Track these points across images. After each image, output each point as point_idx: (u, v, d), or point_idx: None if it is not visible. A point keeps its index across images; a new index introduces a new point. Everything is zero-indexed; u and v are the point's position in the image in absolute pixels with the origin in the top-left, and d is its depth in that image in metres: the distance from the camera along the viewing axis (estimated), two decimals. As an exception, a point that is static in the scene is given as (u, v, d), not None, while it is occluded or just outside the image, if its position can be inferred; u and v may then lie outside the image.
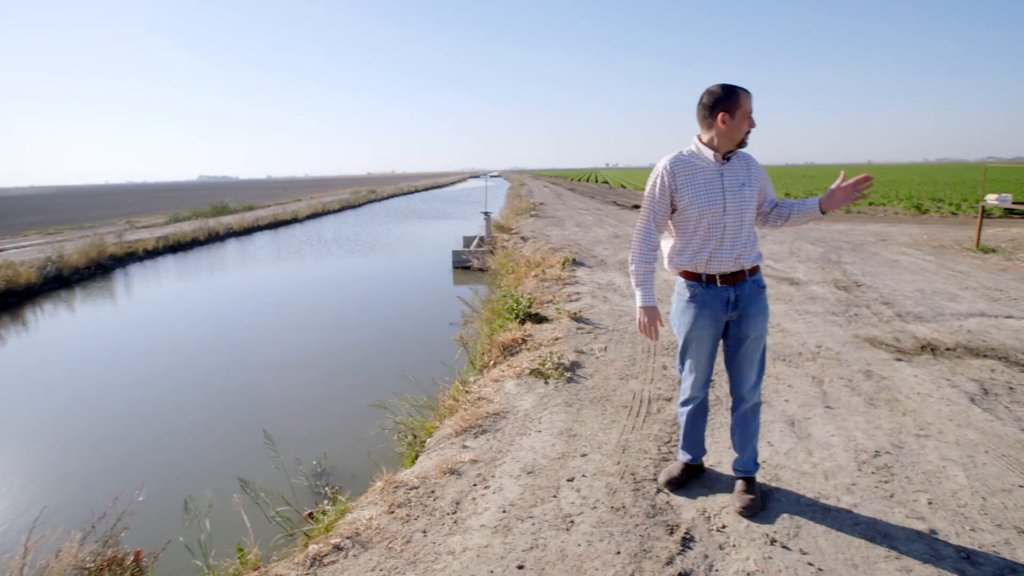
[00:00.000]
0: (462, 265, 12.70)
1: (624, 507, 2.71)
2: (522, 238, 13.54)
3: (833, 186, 2.44)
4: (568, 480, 2.98)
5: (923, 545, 2.38)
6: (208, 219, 24.45)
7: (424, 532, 2.67)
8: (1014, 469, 2.93)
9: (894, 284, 7.46)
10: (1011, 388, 3.97)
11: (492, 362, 5.06)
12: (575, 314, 5.97)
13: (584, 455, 3.22)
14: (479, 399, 4.15)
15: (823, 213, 2.48)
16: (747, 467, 2.72)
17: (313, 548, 2.68)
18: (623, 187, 42.48)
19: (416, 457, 3.73)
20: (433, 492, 3.01)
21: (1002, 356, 4.63)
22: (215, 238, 20.92)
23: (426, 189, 66.96)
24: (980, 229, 11.04)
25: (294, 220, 27.89)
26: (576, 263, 9.33)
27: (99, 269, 14.50)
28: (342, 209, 35.70)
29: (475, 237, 14.88)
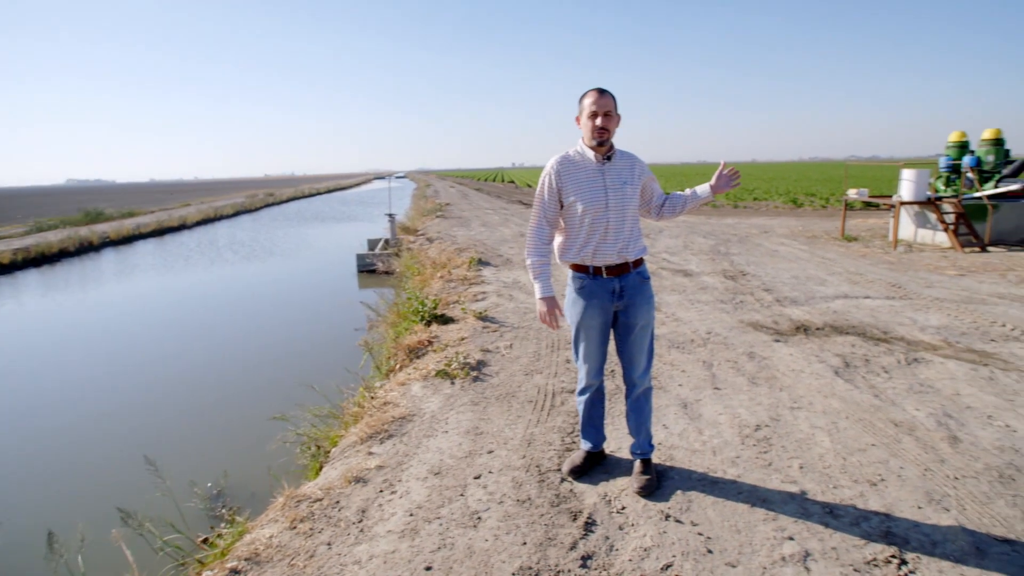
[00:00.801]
0: (367, 269, 12.39)
1: (530, 499, 2.77)
2: (428, 239, 13.43)
3: (717, 173, 2.75)
4: (475, 477, 3.00)
5: (795, 505, 2.62)
6: (80, 227, 22.15)
7: (329, 544, 2.58)
8: (868, 431, 3.30)
9: (774, 272, 8.15)
10: (867, 360, 4.47)
11: (398, 366, 4.99)
12: (481, 313, 6.01)
13: (491, 452, 3.25)
14: (385, 404, 4.08)
15: (714, 195, 2.77)
16: (643, 449, 2.88)
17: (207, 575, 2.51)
18: (529, 186, 43.26)
19: (320, 469, 3.60)
20: (338, 503, 2.92)
21: (860, 332, 5.19)
22: (88, 248, 19.00)
23: (329, 191, 64.54)
24: (844, 220, 12.31)
25: (182, 226, 25.93)
26: (482, 263, 9.39)
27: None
28: (237, 214, 33.64)
29: (380, 240, 14.57)
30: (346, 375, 5.30)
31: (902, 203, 10.50)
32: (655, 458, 3.05)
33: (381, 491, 2.97)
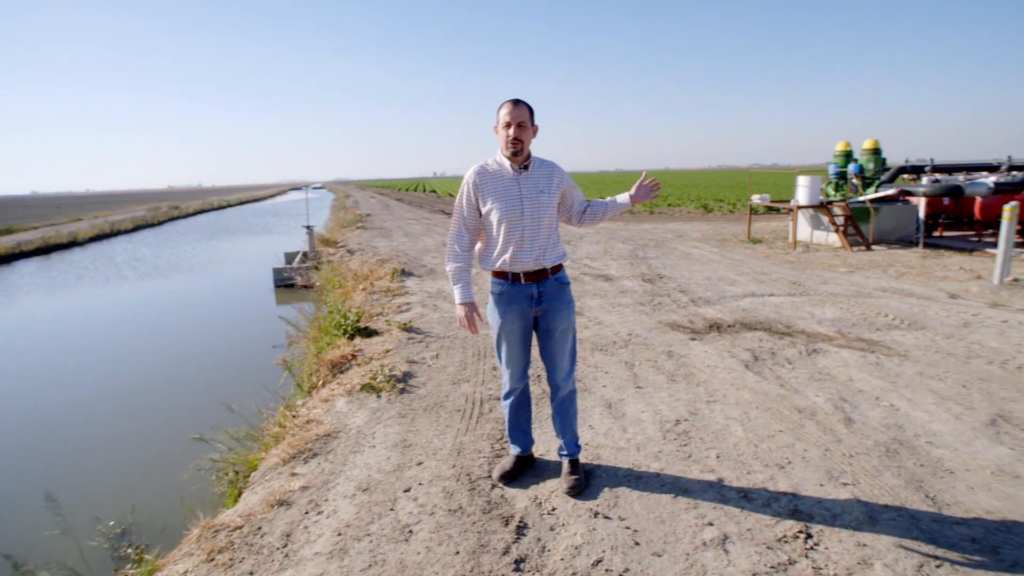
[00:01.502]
0: (284, 283, 11.89)
1: (461, 508, 2.76)
2: (349, 251, 13.09)
3: (637, 183, 2.84)
4: (405, 491, 2.95)
5: (713, 492, 2.77)
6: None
7: (251, 574, 2.45)
8: (776, 418, 3.55)
9: (689, 274, 8.58)
10: (773, 353, 4.80)
11: (321, 382, 4.82)
12: (406, 324, 5.93)
13: (420, 463, 3.21)
14: (308, 422, 3.93)
15: (633, 205, 2.86)
16: (570, 450, 2.94)
17: (112, 619, 2.31)
18: (451, 196, 43.17)
19: (239, 494, 3.41)
20: (260, 529, 2.78)
21: (767, 328, 5.57)
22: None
23: (241, 203, 61.32)
24: (750, 224, 13.17)
25: (73, 243, 23.75)
26: (405, 273, 9.28)
27: None
28: (137, 228, 31.26)
29: (298, 253, 14.03)
30: (265, 395, 5.06)
31: (799, 207, 11.37)
32: (583, 458, 3.12)
33: (307, 513, 2.86)
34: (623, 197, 2.85)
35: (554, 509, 2.71)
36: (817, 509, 2.62)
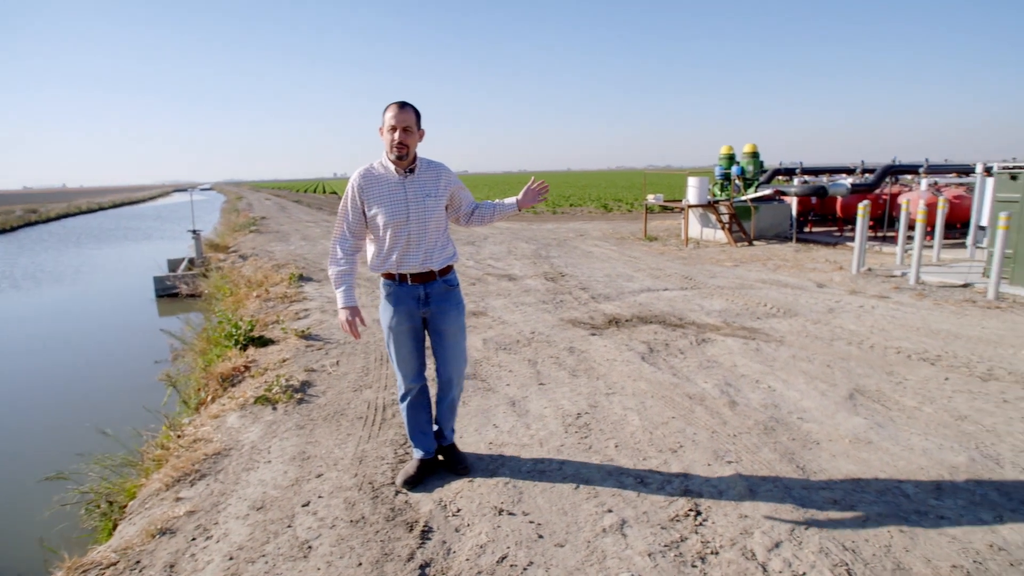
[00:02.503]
0: (167, 292, 10.98)
1: (364, 518, 2.68)
2: (241, 256, 12.33)
3: (525, 188, 2.90)
4: (303, 505, 2.82)
5: (613, 480, 2.89)
6: None
7: (127, 612, 2.24)
8: (669, 406, 3.76)
9: (589, 272, 8.88)
10: (667, 344, 5.08)
11: (210, 397, 4.50)
12: (304, 332, 5.68)
13: (320, 475, 3.08)
14: (195, 441, 3.65)
15: (520, 209, 2.93)
16: (448, 437, 3.06)
17: None
18: (354, 198, 41.86)
19: (114, 527, 3.10)
20: (139, 562, 2.54)
21: (661, 320, 5.88)
22: None
23: (115, 206, 55.73)
24: (646, 223, 13.86)
25: None
26: (304, 278, 8.88)
27: None
28: (-19, 235, 27.60)
29: (183, 259, 13.01)
30: (146, 415, 4.64)
31: (689, 206, 12.12)
32: (486, 450, 3.16)
33: (194, 539, 2.65)
34: (510, 201, 2.92)
35: (459, 510, 2.70)
36: (705, 487, 2.80)
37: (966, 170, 12.26)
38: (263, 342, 5.53)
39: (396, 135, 2.54)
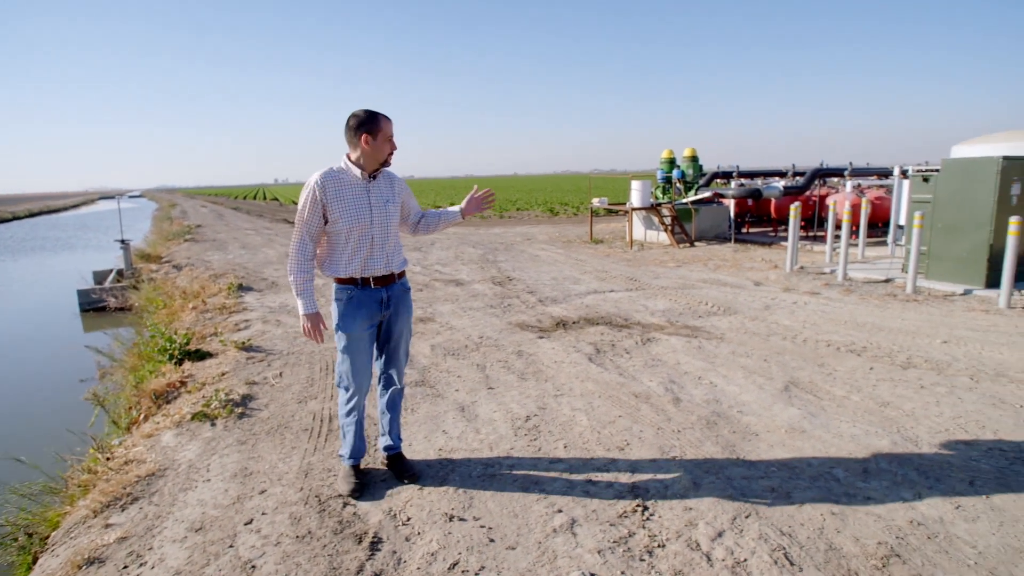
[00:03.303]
0: (94, 307, 10.34)
1: (310, 533, 2.60)
2: (175, 267, 11.78)
3: (468, 196, 2.96)
4: (246, 523, 2.71)
5: (562, 481, 2.92)
6: None
7: (51, 649, 2.09)
8: (616, 405, 3.83)
9: (537, 275, 8.95)
10: (613, 345, 5.18)
11: (143, 416, 4.27)
12: (244, 343, 5.47)
13: (263, 492, 2.97)
14: (127, 463, 3.45)
15: (463, 217, 2.99)
16: (397, 445, 3.05)
17: None
18: (294, 203, 40.76)
19: (34, 560, 2.89)
20: (64, 594, 2.38)
21: (608, 321, 5.99)
22: None
23: (32, 215, 51.98)
24: (592, 226, 14.10)
25: None
26: (244, 288, 8.57)
27: None
28: None
29: (111, 271, 12.31)
30: (70, 438, 4.36)
31: (633, 209, 12.42)
32: (435, 455, 3.13)
33: (125, 567, 2.50)
34: (454, 210, 2.99)
35: (409, 519, 2.66)
36: (652, 483, 2.87)
37: (886, 172, 13.10)
38: (200, 356, 5.29)
39: (391, 145, 2.66)
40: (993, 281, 6.71)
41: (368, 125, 2.60)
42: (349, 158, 2.67)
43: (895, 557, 2.29)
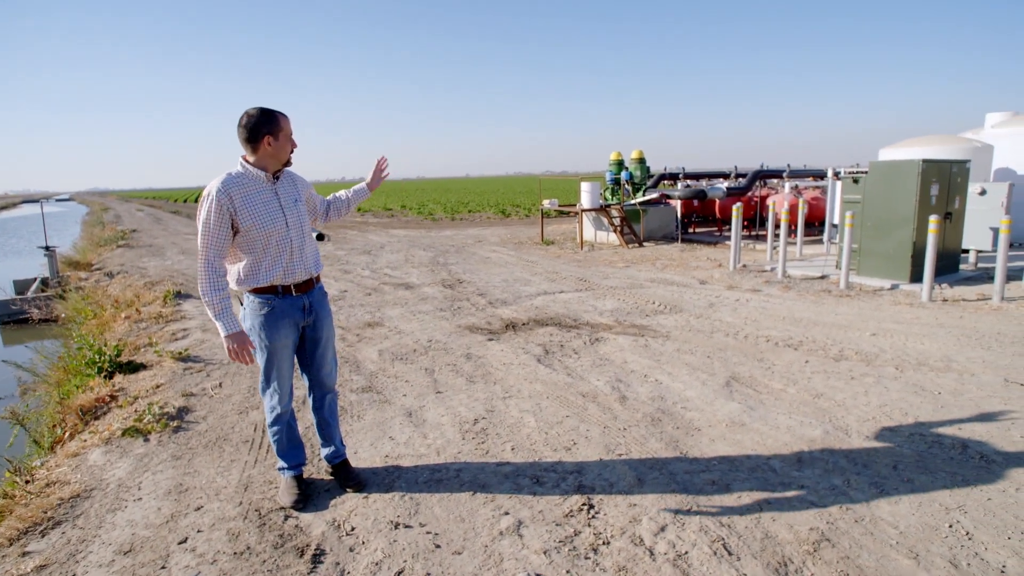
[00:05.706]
0: (14, 318, 9.69)
1: (249, 548, 2.51)
2: (107, 274, 11.18)
3: (372, 171, 3.05)
4: (180, 542, 2.59)
5: (509, 483, 2.91)
6: None
7: None
8: (564, 405, 3.86)
9: (487, 277, 8.94)
10: (562, 345, 5.22)
11: (68, 434, 4.02)
12: (181, 353, 5.24)
13: (199, 508, 2.85)
14: (48, 485, 3.24)
15: (370, 191, 3.08)
16: (341, 452, 2.99)
17: None
18: (240, 208, 39.36)
19: (-57, 594, 2.67)
20: (-25, 629, 2.21)
21: (557, 322, 6.04)
22: None
23: (-54, 222, 48.39)
24: (543, 227, 14.19)
25: None
26: (182, 296, 8.21)
27: None
28: None
29: (34, 280, 11.57)
30: (-13, 459, 4.06)
31: (583, 210, 12.58)
32: (381, 463, 3.08)
33: (45, 595, 2.35)
34: (361, 187, 3.05)
35: (353, 529, 2.60)
36: (598, 481, 2.90)
37: (820, 174, 13.73)
38: (133, 368, 5.03)
39: (293, 143, 2.58)
40: (917, 276, 7.13)
41: (269, 125, 2.47)
42: (247, 160, 2.52)
43: (825, 541, 2.40)
